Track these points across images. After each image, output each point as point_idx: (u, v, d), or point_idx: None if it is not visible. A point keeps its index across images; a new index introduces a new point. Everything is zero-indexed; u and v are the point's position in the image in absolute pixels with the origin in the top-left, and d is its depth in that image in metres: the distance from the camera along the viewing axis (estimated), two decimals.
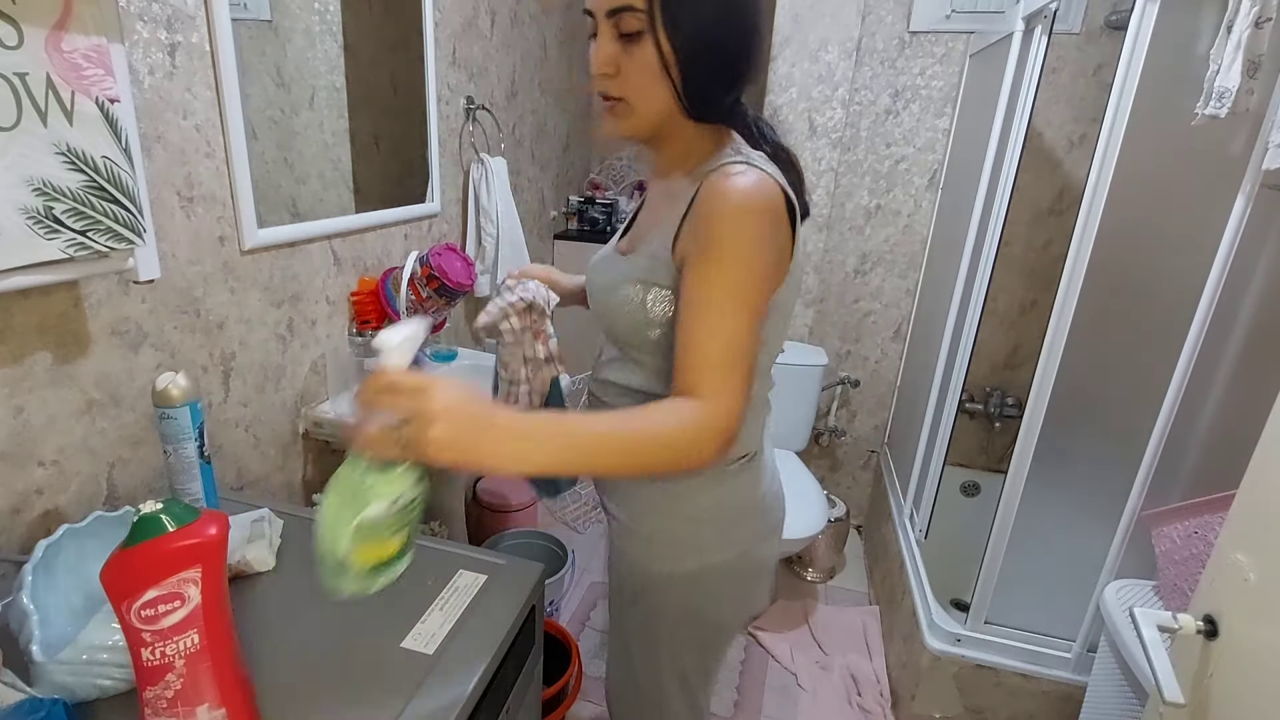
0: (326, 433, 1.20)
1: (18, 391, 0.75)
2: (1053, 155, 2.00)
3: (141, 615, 0.50)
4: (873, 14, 2.03)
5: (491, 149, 1.75)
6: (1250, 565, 0.67)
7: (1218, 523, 1.02)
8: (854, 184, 2.19)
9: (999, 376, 2.23)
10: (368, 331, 1.31)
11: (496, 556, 0.85)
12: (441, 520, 1.36)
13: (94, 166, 0.70)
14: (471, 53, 1.64)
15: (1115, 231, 1.15)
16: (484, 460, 0.51)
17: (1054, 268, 1.52)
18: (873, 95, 2.10)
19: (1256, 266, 1.10)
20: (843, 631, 1.92)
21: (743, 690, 1.71)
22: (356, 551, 0.51)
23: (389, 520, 0.51)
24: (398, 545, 0.54)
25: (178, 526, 0.51)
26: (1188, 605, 0.75)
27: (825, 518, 1.88)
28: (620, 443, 0.57)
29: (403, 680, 0.65)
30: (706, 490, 0.79)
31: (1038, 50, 1.41)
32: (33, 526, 0.78)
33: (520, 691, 0.81)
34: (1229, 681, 0.67)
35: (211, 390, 1.01)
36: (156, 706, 0.52)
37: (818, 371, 2.15)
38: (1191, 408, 1.16)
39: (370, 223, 1.32)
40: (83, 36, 0.67)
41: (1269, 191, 1.02)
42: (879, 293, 2.27)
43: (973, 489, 2.26)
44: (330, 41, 1.17)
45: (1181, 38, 1.08)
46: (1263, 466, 0.69)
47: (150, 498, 0.53)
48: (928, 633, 1.50)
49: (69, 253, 0.69)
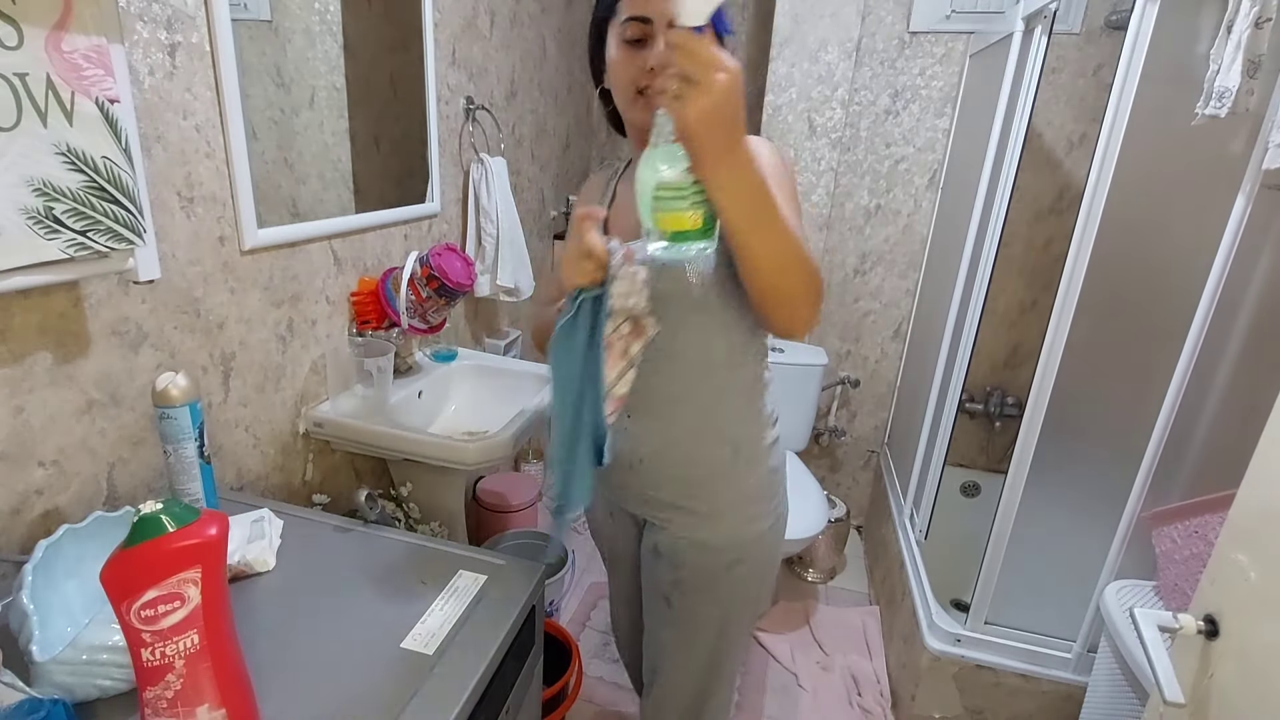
0: (326, 433, 1.20)
1: (18, 391, 0.75)
2: (1053, 155, 2.00)
3: (141, 615, 0.50)
4: (872, 14, 2.03)
5: (491, 149, 1.75)
6: (1250, 565, 0.67)
7: (1218, 523, 1.02)
8: (854, 184, 2.19)
9: (999, 376, 2.23)
10: (367, 332, 1.31)
11: (496, 556, 0.85)
12: (441, 520, 1.36)
13: (94, 167, 0.70)
14: (471, 53, 1.64)
15: (1115, 231, 1.15)
16: (718, 150, 0.57)
17: (1054, 268, 1.52)
18: (872, 95, 2.10)
19: (1256, 266, 1.11)
20: (843, 632, 1.92)
21: (743, 690, 1.71)
22: (659, 217, 0.60)
23: (682, 187, 0.59)
24: (696, 220, 0.60)
25: (178, 527, 0.51)
26: (1188, 605, 0.75)
27: (825, 518, 1.88)
28: (791, 238, 0.66)
29: (403, 680, 0.65)
30: (760, 463, 0.90)
31: (1038, 50, 1.41)
32: (33, 526, 0.78)
33: (520, 691, 0.81)
34: (1229, 681, 0.67)
35: (211, 390, 1.01)
36: (156, 707, 0.52)
37: (818, 371, 2.15)
38: (1191, 408, 1.16)
39: (370, 223, 1.32)
40: (83, 37, 0.67)
41: (1269, 191, 1.02)
42: (879, 292, 2.27)
43: (973, 489, 2.26)
44: (330, 41, 1.17)
45: (1181, 38, 1.08)
46: (1263, 466, 0.69)
47: (150, 498, 0.53)
48: (928, 633, 1.50)
49: (69, 253, 0.69)
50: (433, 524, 1.36)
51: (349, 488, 1.35)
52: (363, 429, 1.18)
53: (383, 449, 1.21)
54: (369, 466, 1.40)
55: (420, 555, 0.85)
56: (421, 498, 1.34)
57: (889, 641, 1.84)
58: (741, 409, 0.88)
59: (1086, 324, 1.21)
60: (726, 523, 0.90)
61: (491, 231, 1.69)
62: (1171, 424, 1.16)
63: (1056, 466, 1.31)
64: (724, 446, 0.87)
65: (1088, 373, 1.26)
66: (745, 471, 0.89)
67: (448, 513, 1.35)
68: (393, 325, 1.33)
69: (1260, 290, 1.12)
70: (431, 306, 1.32)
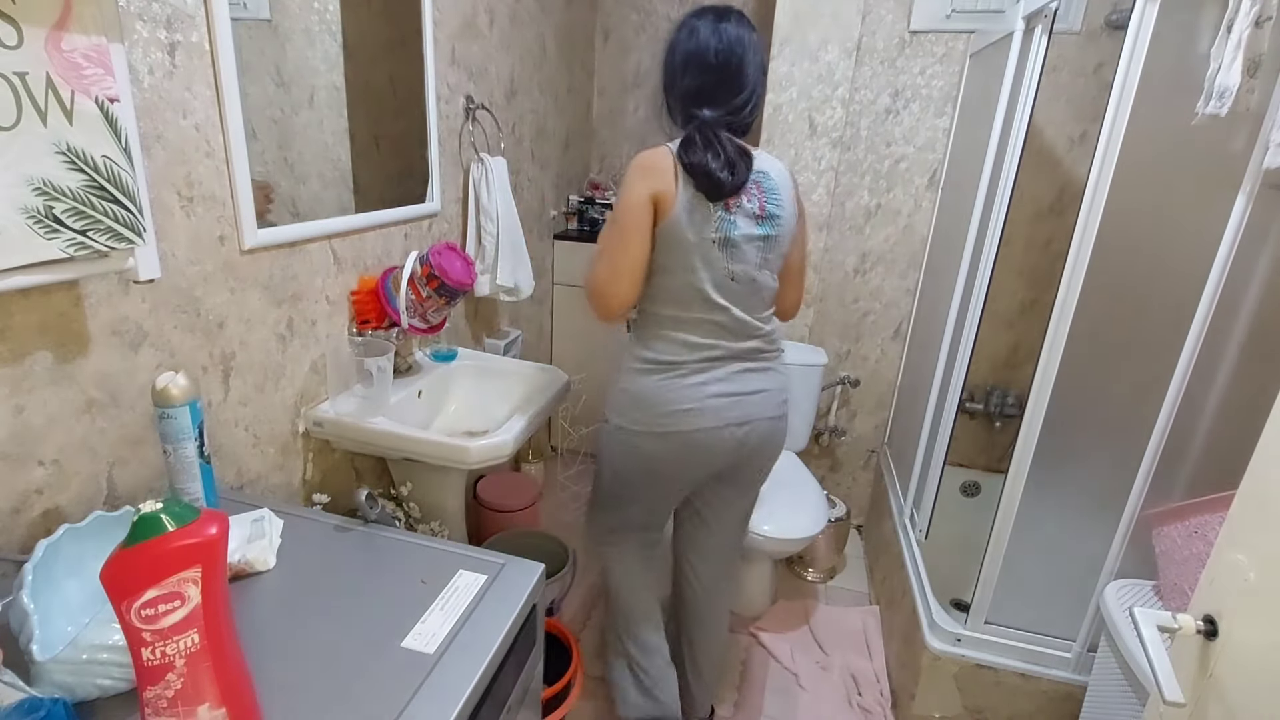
0: (326, 432, 1.20)
1: (18, 391, 0.75)
2: (1053, 154, 2.00)
3: (141, 615, 0.50)
4: (873, 13, 2.03)
5: (491, 149, 1.75)
6: (1250, 565, 0.67)
7: (1218, 523, 1.02)
8: (854, 183, 2.19)
9: (999, 376, 2.23)
10: (367, 331, 1.31)
11: (496, 556, 0.85)
12: (442, 520, 1.36)
13: (94, 166, 0.70)
14: (471, 52, 1.64)
15: (1115, 231, 1.15)
16: None
17: (1054, 267, 1.52)
18: (873, 95, 2.10)
19: (1256, 266, 1.10)
20: (843, 632, 1.92)
21: (743, 690, 1.71)
22: None
23: None
24: None
25: (178, 526, 0.51)
26: (1188, 605, 0.75)
27: (825, 518, 1.88)
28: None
29: (403, 680, 0.65)
30: (616, 383, 1.25)
31: (1038, 50, 1.41)
32: (33, 526, 0.78)
33: (520, 691, 0.81)
34: (1229, 681, 0.67)
35: (211, 390, 1.01)
36: (157, 706, 0.52)
37: (818, 371, 2.15)
38: (1191, 408, 1.16)
39: (370, 222, 1.32)
40: (82, 36, 0.67)
41: (1269, 191, 1.02)
42: (879, 292, 2.27)
43: (973, 489, 2.26)
44: (330, 41, 1.17)
45: (1181, 37, 1.08)
46: (1263, 466, 0.69)
47: (150, 497, 0.53)
48: (928, 633, 1.50)
49: (69, 252, 0.69)
50: (433, 524, 1.36)
51: (349, 487, 1.35)
52: (362, 428, 1.18)
53: (383, 448, 1.21)
54: (369, 466, 1.40)
55: (420, 555, 0.85)
56: (421, 497, 1.34)
57: (889, 641, 1.84)
58: (631, 343, 1.24)
59: (1087, 324, 1.21)
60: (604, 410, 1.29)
61: (491, 231, 1.69)
62: (1171, 424, 1.16)
63: (1056, 466, 1.31)
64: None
65: (1088, 372, 1.26)
66: (612, 382, 1.26)
67: (448, 512, 1.35)
68: (393, 325, 1.33)
69: (1260, 290, 1.12)
70: (431, 306, 1.32)
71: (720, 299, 1.15)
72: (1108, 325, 1.24)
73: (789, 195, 1.20)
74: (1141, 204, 1.17)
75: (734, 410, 1.19)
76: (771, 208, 1.16)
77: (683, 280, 1.14)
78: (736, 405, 1.19)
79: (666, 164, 1.10)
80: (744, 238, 1.14)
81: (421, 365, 1.46)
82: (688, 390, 1.17)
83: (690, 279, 1.13)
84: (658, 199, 1.10)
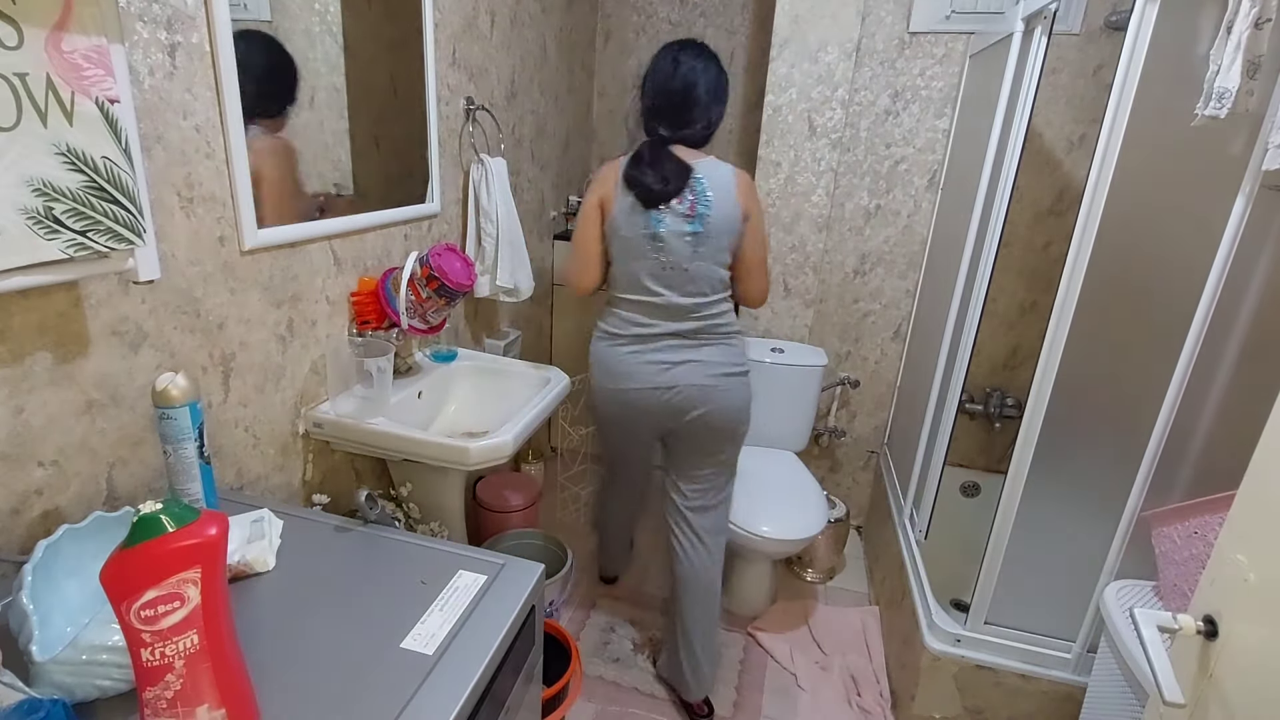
0: (326, 433, 1.20)
1: (18, 391, 0.75)
2: (1053, 156, 2.00)
3: (141, 616, 0.50)
4: (872, 15, 2.03)
5: (491, 149, 1.75)
6: (1250, 565, 0.67)
7: (1218, 523, 1.02)
8: (854, 184, 2.19)
9: (999, 377, 2.23)
10: (367, 332, 1.31)
11: (496, 556, 0.85)
12: (442, 520, 1.36)
13: (94, 167, 0.70)
14: (471, 53, 1.64)
15: (1115, 232, 1.15)
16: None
17: (1054, 268, 1.52)
18: (872, 96, 2.10)
19: (1256, 266, 1.10)
20: (843, 632, 1.92)
21: (742, 690, 1.71)
22: None
23: None
24: None
25: (177, 527, 0.51)
26: (1188, 605, 0.75)
27: (825, 518, 1.88)
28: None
29: (403, 680, 0.65)
30: (594, 345, 1.52)
31: (1038, 51, 1.41)
32: (33, 526, 0.78)
33: (520, 691, 0.81)
34: (1229, 682, 0.67)
35: (211, 390, 1.01)
36: (156, 707, 0.52)
37: (817, 372, 2.15)
38: (1191, 408, 1.16)
39: (370, 223, 1.32)
40: (83, 37, 0.67)
41: (1269, 192, 1.02)
42: (879, 293, 2.27)
43: (973, 489, 2.26)
44: (330, 41, 1.17)
45: (1181, 38, 1.08)
46: (1263, 466, 0.69)
47: (150, 498, 0.53)
48: (928, 633, 1.50)
49: (69, 253, 0.69)
50: (432, 524, 1.36)
51: (349, 488, 1.35)
52: (362, 429, 1.18)
53: (382, 449, 1.21)
54: (369, 466, 1.40)
55: (420, 555, 0.85)
56: (421, 498, 1.34)
57: (888, 641, 1.84)
58: (598, 316, 1.51)
59: (1086, 324, 1.21)
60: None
61: (491, 232, 1.69)
62: (1171, 424, 1.16)
63: (1056, 466, 1.31)
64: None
65: (1088, 373, 1.26)
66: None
67: (447, 513, 1.35)
68: (393, 325, 1.33)
69: (1260, 290, 1.12)
70: (431, 306, 1.32)
71: (655, 285, 1.39)
72: (1107, 326, 1.24)
73: (725, 196, 1.37)
74: (1141, 206, 1.17)
75: (661, 376, 1.42)
76: (700, 208, 1.35)
77: (625, 268, 1.41)
78: (664, 372, 1.42)
79: (612, 175, 1.40)
80: (672, 233, 1.35)
81: (421, 366, 1.46)
82: (626, 357, 1.44)
83: (630, 267, 1.40)
84: (604, 202, 1.41)
